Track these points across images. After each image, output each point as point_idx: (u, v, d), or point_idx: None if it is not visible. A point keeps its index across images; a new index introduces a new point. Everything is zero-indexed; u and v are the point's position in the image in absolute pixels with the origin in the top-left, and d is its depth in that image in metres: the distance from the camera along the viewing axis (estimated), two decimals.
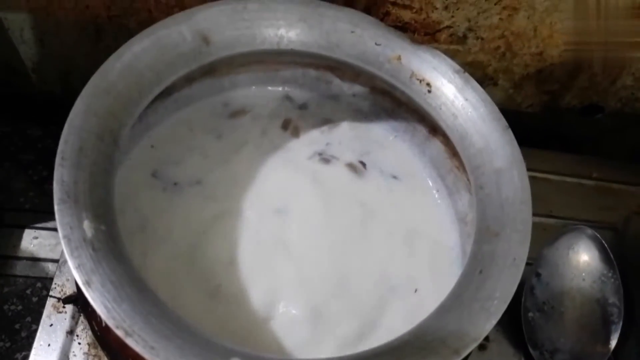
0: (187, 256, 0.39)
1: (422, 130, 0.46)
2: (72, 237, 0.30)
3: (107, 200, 0.33)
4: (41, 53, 0.54)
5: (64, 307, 0.42)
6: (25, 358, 0.45)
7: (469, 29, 0.51)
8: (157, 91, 0.37)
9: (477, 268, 0.34)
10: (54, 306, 0.42)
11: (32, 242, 0.51)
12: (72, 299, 0.42)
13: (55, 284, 0.43)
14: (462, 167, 0.42)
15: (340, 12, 0.42)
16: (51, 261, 0.50)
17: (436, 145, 0.45)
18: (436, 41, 0.51)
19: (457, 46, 0.52)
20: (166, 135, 0.44)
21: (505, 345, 0.46)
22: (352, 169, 0.45)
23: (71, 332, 0.41)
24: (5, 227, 0.52)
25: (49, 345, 0.41)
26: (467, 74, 0.42)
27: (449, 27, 0.50)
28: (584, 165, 0.57)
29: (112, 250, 0.31)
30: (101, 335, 0.38)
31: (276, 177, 0.44)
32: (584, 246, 0.47)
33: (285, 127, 0.47)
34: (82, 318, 0.42)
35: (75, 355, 0.41)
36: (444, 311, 0.33)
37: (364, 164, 0.46)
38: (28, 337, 0.47)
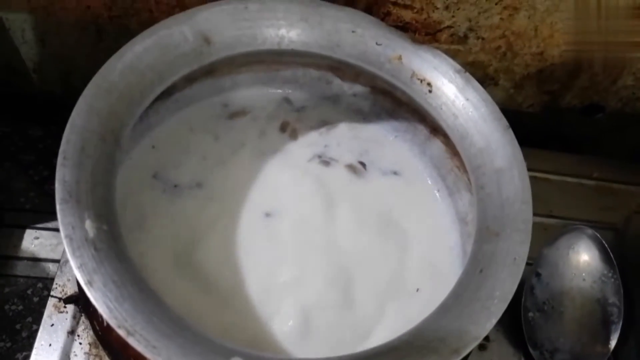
0: (184, 256, 0.40)
1: (422, 130, 0.46)
2: (74, 237, 0.30)
3: (109, 200, 0.33)
4: (42, 53, 0.54)
5: (65, 307, 0.42)
6: (26, 358, 0.45)
7: (470, 29, 0.51)
8: (158, 91, 0.38)
9: (478, 267, 0.34)
10: (55, 306, 0.42)
11: (33, 242, 0.51)
12: (73, 298, 0.42)
13: (56, 284, 0.43)
14: (462, 167, 0.42)
15: (341, 12, 0.42)
16: (52, 261, 0.50)
17: (437, 145, 0.45)
18: (437, 41, 0.51)
19: (458, 46, 0.52)
20: (167, 135, 0.44)
21: (505, 345, 0.46)
22: (352, 170, 0.45)
23: (72, 332, 0.42)
24: (6, 227, 0.52)
25: (50, 345, 0.41)
26: (467, 73, 0.42)
27: (449, 27, 0.50)
28: (585, 165, 0.57)
29: (114, 250, 0.31)
30: (102, 335, 0.38)
31: (276, 180, 0.44)
32: (584, 246, 0.47)
33: (284, 129, 0.47)
34: (83, 318, 0.42)
35: (76, 355, 0.41)
36: (444, 310, 0.33)
37: (364, 164, 0.46)
38: (29, 337, 0.47)
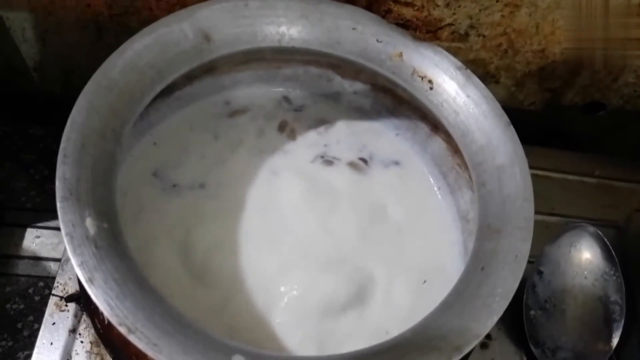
0: (182, 252, 0.40)
1: (423, 127, 0.46)
2: (75, 235, 0.30)
3: (110, 197, 0.33)
4: (42, 52, 0.54)
5: (66, 305, 0.42)
6: (27, 357, 0.45)
7: (471, 27, 0.51)
8: (158, 89, 0.37)
9: (479, 265, 0.34)
10: (56, 305, 0.42)
11: (34, 241, 0.51)
12: (74, 297, 0.42)
13: (58, 282, 0.43)
14: (463, 164, 0.41)
15: (342, 9, 0.42)
16: (53, 260, 0.50)
17: (438, 143, 0.45)
18: (438, 39, 0.51)
19: (459, 44, 0.52)
20: (168, 133, 0.44)
21: (507, 344, 0.46)
22: (355, 167, 0.45)
23: (74, 331, 0.42)
24: (7, 226, 0.52)
25: (51, 343, 0.41)
26: (468, 70, 0.42)
27: (450, 24, 0.50)
28: (586, 163, 0.57)
29: (115, 247, 0.31)
30: (104, 333, 0.38)
31: (280, 182, 0.44)
32: (586, 244, 0.47)
33: (282, 129, 0.47)
34: (84, 316, 0.42)
35: (77, 353, 0.41)
36: (445, 308, 0.33)
37: (365, 160, 0.46)
38: (30, 336, 0.47)
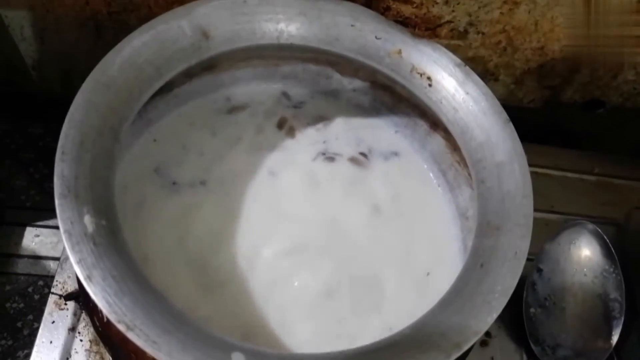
0: (182, 246, 0.40)
1: (423, 125, 0.46)
2: (73, 232, 0.30)
3: (108, 194, 0.33)
4: (41, 50, 0.54)
5: (65, 304, 0.42)
6: (27, 356, 0.45)
7: (470, 24, 0.51)
8: (157, 86, 0.37)
9: (478, 262, 0.34)
10: (55, 303, 0.42)
11: (33, 240, 0.51)
12: (73, 295, 0.42)
13: (57, 281, 0.43)
14: (463, 161, 0.41)
15: (340, 5, 0.42)
16: (52, 259, 0.50)
17: (437, 140, 0.45)
18: (437, 36, 0.51)
19: (458, 41, 0.52)
20: (167, 130, 0.44)
21: (506, 341, 0.46)
22: (356, 162, 0.46)
23: (73, 329, 0.41)
24: (7, 225, 0.52)
25: (50, 342, 0.41)
26: (467, 67, 0.42)
27: (449, 21, 0.50)
28: (586, 161, 0.56)
29: (113, 245, 0.31)
30: (103, 330, 0.37)
31: (284, 180, 0.44)
32: (586, 241, 0.47)
33: (281, 126, 0.47)
34: (83, 315, 0.42)
35: (77, 352, 0.41)
36: (445, 305, 0.33)
37: (365, 154, 0.46)
38: (30, 335, 0.47)
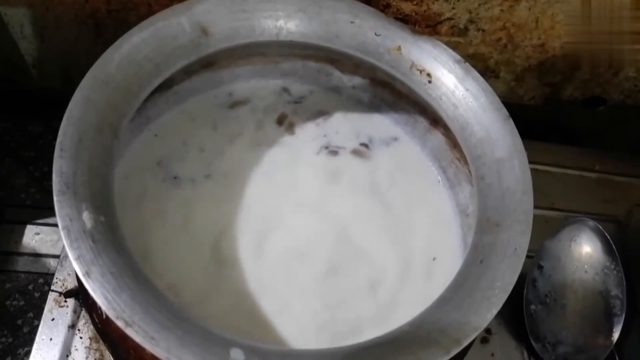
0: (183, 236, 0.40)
1: (423, 122, 0.46)
2: (72, 229, 0.30)
3: (107, 191, 0.33)
4: (41, 48, 0.54)
5: (65, 301, 0.42)
6: (28, 353, 0.45)
7: (470, 21, 0.50)
8: (156, 83, 0.37)
9: (478, 258, 0.34)
10: (55, 300, 0.42)
11: (33, 238, 0.51)
12: (73, 292, 0.42)
13: (57, 278, 0.43)
14: (463, 158, 0.41)
15: (340, 2, 0.42)
16: (52, 257, 0.51)
17: (437, 137, 0.45)
18: (437, 33, 0.51)
19: (459, 38, 0.52)
20: (169, 126, 0.44)
21: (507, 338, 0.46)
22: (359, 154, 0.46)
23: (73, 327, 0.42)
24: (7, 223, 0.52)
25: (50, 339, 0.41)
26: (467, 64, 0.41)
27: (450, 18, 0.50)
28: (586, 158, 0.56)
29: (112, 241, 0.31)
30: (102, 327, 0.37)
31: (287, 174, 0.44)
32: (586, 238, 0.47)
33: (281, 122, 0.46)
34: (83, 312, 0.42)
35: (76, 349, 0.41)
36: (444, 301, 0.33)
37: (366, 145, 0.46)
38: (30, 333, 0.48)
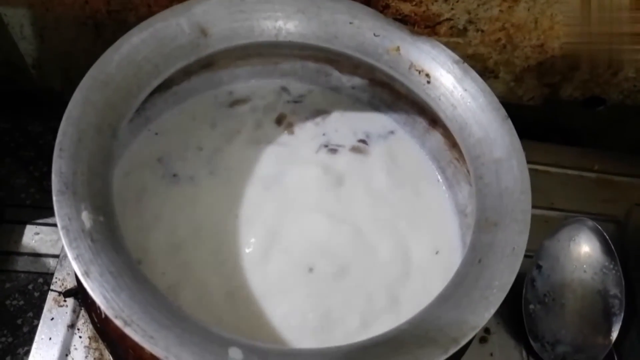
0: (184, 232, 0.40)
1: (422, 122, 0.46)
2: (71, 228, 0.30)
3: (106, 191, 0.33)
4: (41, 49, 0.54)
5: (64, 301, 0.42)
6: (27, 353, 0.45)
7: (469, 21, 0.51)
8: (155, 83, 0.37)
9: (476, 257, 0.34)
10: (55, 300, 0.42)
11: (33, 237, 0.51)
12: (72, 292, 0.42)
13: (56, 278, 0.43)
14: (461, 158, 0.41)
15: (338, 3, 0.42)
16: (52, 257, 0.51)
17: (436, 137, 0.45)
18: (436, 34, 0.51)
19: (458, 39, 0.52)
20: (169, 124, 0.45)
21: (506, 338, 0.46)
22: (358, 150, 0.46)
23: (72, 326, 0.42)
24: (7, 222, 0.52)
25: (50, 339, 0.41)
26: (466, 64, 0.42)
27: (449, 19, 0.50)
28: (586, 158, 0.56)
29: (111, 241, 0.31)
30: (101, 326, 0.38)
31: (289, 173, 0.44)
32: (585, 238, 0.47)
33: (279, 122, 0.47)
34: (82, 312, 0.42)
35: (76, 348, 0.41)
36: (442, 300, 0.33)
37: (364, 141, 0.46)
38: (30, 332, 0.48)
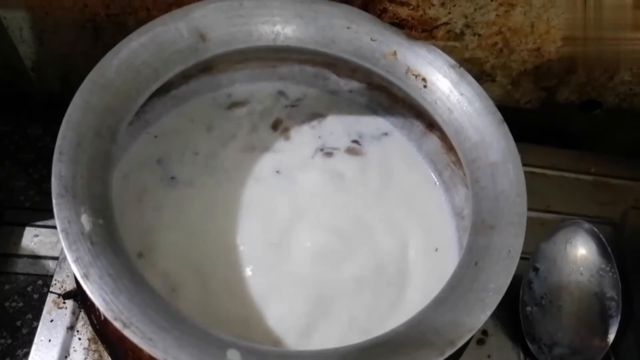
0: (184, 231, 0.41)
1: (419, 125, 0.46)
2: (70, 231, 0.30)
3: (105, 194, 0.33)
4: (40, 52, 0.54)
5: (64, 302, 0.43)
6: (26, 355, 0.45)
7: (466, 26, 0.51)
8: (154, 87, 0.38)
9: (473, 260, 0.35)
10: (54, 302, 0.43)
11: (32, 239, 0.51)
12: (71, 294, 0.42)
13: (56, 280, 0.43)
14: (458, 161, 0.42)
15: (336, 8, 0.42)
16: (52, 259, 0.51)
17: (433, 141, 0.45)
18: (433, 38, 0.51)
19: (455, 43, 0.52)
20: (168, 127, 0.45)
21: (503, 340, 0.46)
22: (352, 152, 0.46)
23: (71, 328, 0.42)
24: (6, 225, 0.52)
25: (49, 340, 0.41)
26: (462, 68, 0.42)
27: (446, 23, 0.50)
28: (582, 161, 0.56)
29: (110, 243, 0.31)
30: (100, 328, 0.38)
31: (284, 177, 0.44)
32: (582, 240, 0.47)
33: (275, 127, 0.47)
34: (82, 314, 0.42)
35: (75, 350, 0.41)
36: (439, 302, 0.33)
37: (357, 141, 0.47)
38: (29, 334, 0.48)
